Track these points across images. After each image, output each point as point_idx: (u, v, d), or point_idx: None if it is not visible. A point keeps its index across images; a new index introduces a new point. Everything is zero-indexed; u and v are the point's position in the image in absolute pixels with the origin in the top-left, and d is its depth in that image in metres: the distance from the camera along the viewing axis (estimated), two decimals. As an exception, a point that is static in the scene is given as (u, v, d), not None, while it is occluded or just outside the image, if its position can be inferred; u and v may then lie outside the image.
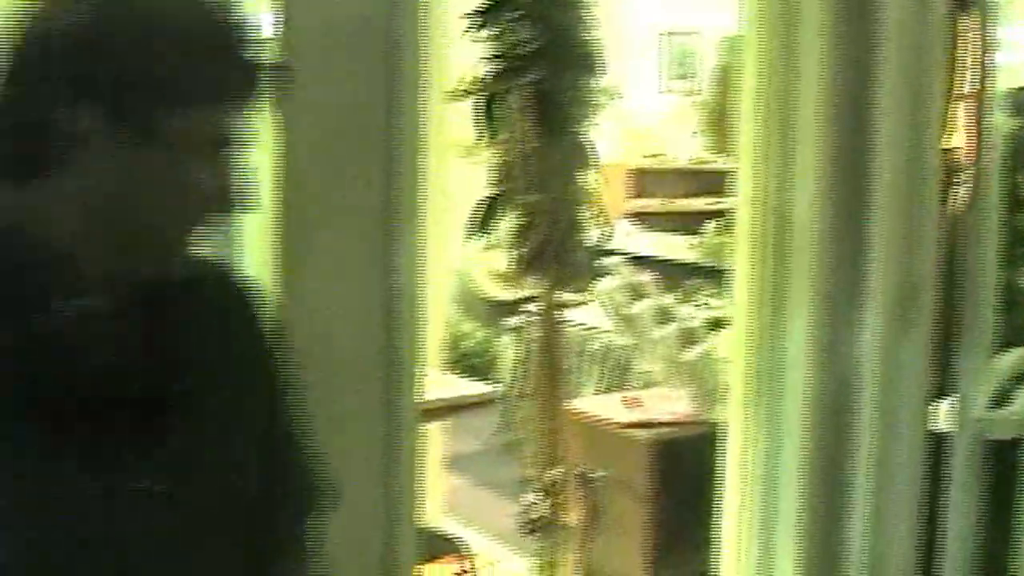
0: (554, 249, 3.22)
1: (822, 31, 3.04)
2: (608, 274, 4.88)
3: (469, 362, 7.85)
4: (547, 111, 3.02)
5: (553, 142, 3.08)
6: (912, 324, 3.10)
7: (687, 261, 7.59)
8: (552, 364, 3.54)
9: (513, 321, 7.05)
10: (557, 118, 3.02)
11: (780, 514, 3.23)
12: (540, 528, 3.69)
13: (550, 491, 3.66)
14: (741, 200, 3.28)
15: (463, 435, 6.10)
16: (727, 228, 8.88)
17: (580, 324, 5.63)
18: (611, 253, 4.98)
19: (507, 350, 7.18)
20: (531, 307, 3.63)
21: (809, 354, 3.13)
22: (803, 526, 3.17)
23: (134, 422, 1.36)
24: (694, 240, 8.25)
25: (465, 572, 4.47)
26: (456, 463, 5.89)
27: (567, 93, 2.97)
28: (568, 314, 3.80)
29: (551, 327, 3.51)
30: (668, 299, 5.04)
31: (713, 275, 6.52)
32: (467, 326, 8.42)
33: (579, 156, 3.18)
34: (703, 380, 4.63)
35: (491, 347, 8.15)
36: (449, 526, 4.99)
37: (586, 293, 4.69)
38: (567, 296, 3.57)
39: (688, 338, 4.75)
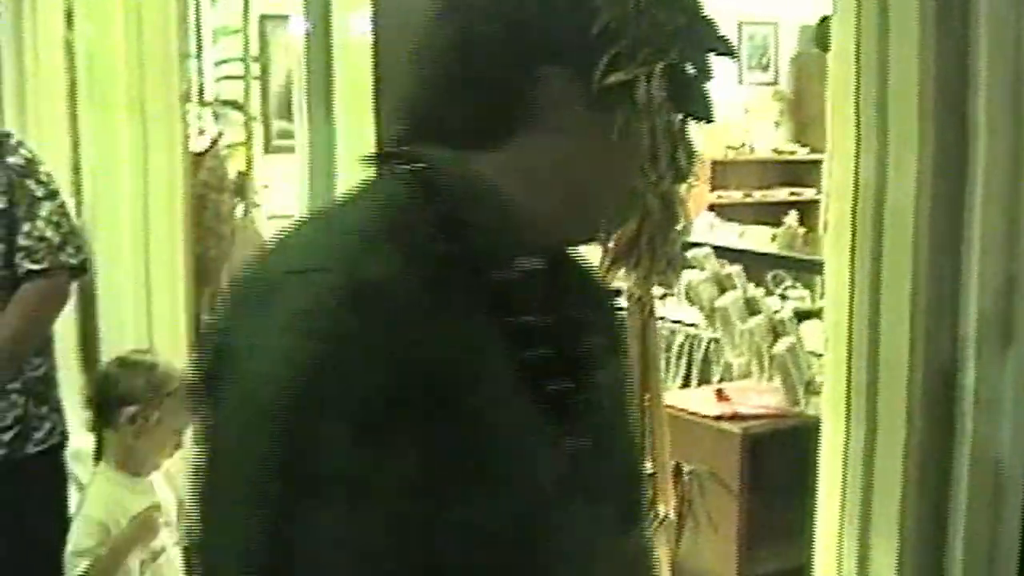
0: (649, 240, 3.18)
1: (918, 17, 2.99)
2: (694, 266, 4.83)
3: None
4: (676, 96, 2.90)
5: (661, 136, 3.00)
6: (1015, 313, 3.04)
7: (770, 252, 7.54)
8: (646, 357, 3.50)
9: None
10: (682, 103, 2.92)
11: (879, 509, 3.18)
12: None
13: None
14: (834, 190, 3.22)
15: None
16: (810, 218, 8.90)
17: (665, 317, 5.59)
18: (696, 245, 4.95)
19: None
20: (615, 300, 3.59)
21: (907, 346, 3.08)
22: (903, 522, 3.12)
23: (562, 381, 1.42)
24: (776, 231, 8.23)
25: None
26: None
27: (697, 77, 2.87)
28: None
29: (643, 320, 3.48)
30: (754, 291, 4.98)
31: (796, 266, 6.48)
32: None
33: (683, 143, 3.10)
34: (793, 372, 4.58)
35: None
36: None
37: (674, 286, 4.65)
38: (656, 289, 3.54)
39: (776, 330, 4.70)
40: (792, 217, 8.66)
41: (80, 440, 3.94)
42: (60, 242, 3.51)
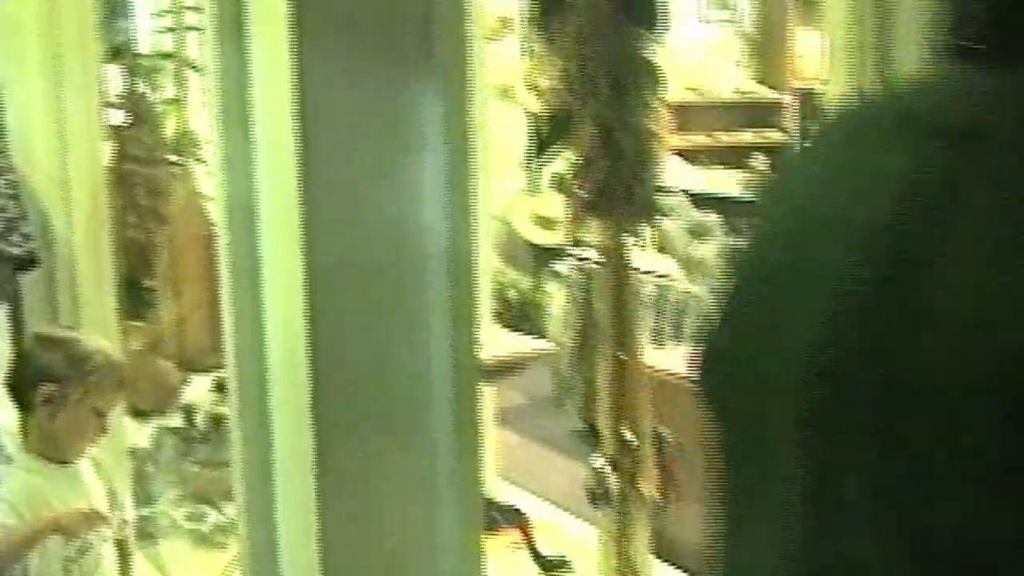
0: (621, 187, 2.82)
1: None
2: (668, 214, 4.50)
3: (514, 311, 7.58)
4: (616, 18, 2.59)
5: (620, 58, 2.67)
6: None
7: (739, 198, 7.25)
8: (620, 315, 3.16)
9: (560, 267, 6.74)
10: (626, 27, 2.60)
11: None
12: (610, 498, 3.34)
13: (621, 456, 3.31)
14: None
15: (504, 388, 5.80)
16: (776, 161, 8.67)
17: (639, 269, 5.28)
18: (668, 191, 4.62)
19: (554, 298, 6.88)
20: (583, 252, 3.29)
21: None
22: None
23: None
24: (742, 175, 7.98)
25: (522, 543, 4.17)
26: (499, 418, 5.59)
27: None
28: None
29: (618, 274, 3.13)
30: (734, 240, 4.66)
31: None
32: (510, 274, 8.14)
33: (648, 76, 2.77)
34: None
35: (537, 295, 7.90)
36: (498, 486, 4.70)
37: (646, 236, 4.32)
38: (631, 239, 3.19)
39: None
40: (759, 160, 8.43)
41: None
42: (1, 228, 3.09)
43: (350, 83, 2.00)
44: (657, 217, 3.35)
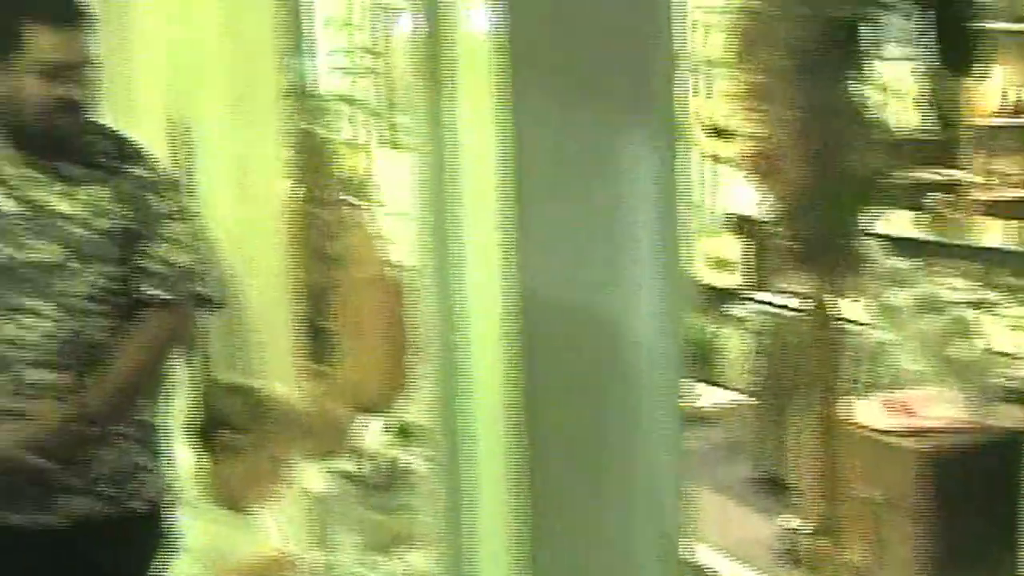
0: (832, 236, 2.67)
1: None
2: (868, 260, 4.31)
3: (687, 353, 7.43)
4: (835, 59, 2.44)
5: (840, 104, 2.51)
6: None
7: (918, 238, 7.01)
8: (820, 366, 2.99)
9: (737, 311, 6.58)
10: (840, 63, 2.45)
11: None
12: (804, 560, 3.18)
13: (817, 515, 3.14)
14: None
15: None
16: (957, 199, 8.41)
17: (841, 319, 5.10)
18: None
19: (731, 342, 6.73)
20: (771, 297, 3.14)
21: None
22: None
23: None
24: (919, 215, 7.73)
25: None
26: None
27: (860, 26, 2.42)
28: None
29: (818, 323, 2.97)
30: (932, 287, 4.45)
31: (950, 253, 5.97)
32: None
33: (860, 117, 2.61)
34: (978, 377, 4.04)
35: (709, 338, 7.76)
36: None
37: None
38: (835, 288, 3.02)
39: (958, 329, 4.15)
40: (936, 199, 8.18)
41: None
42: (190, 269, 3.07)
43: (560, 130, 1.92)
44: (864, 266, 3.19)
